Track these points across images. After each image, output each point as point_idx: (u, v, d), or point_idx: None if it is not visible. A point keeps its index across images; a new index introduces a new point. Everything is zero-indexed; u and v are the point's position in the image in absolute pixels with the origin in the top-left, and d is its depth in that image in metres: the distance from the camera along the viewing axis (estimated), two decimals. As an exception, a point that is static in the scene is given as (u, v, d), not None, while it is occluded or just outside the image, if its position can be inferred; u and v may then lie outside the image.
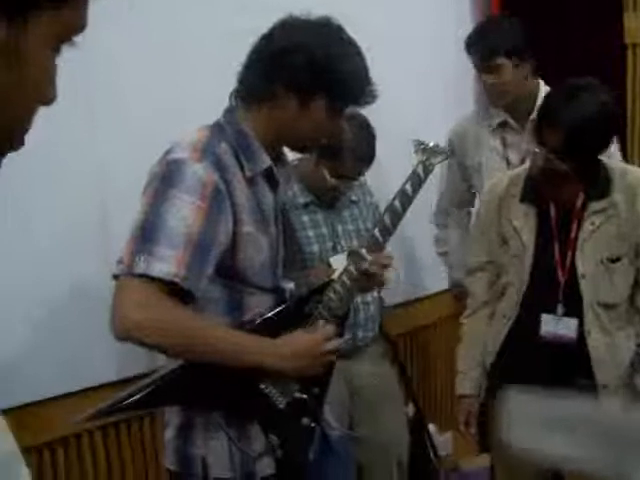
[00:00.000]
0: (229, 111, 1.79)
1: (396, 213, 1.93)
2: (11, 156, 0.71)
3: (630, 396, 2.34)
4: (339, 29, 1.75)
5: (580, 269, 2.22)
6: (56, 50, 0.70)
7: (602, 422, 0.83)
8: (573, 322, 2.24)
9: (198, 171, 1.62)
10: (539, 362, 2.27)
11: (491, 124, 3.01)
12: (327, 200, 2.59)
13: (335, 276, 1.91)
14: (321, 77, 1.69)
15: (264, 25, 1.74)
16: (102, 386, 2.30)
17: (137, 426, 2.51)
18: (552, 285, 2.26)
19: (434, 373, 3.69)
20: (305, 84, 1.70)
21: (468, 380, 2.46)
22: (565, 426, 0.84)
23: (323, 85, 1.71)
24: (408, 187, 1.94)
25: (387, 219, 1.94)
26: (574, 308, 2.24)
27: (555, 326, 2.25)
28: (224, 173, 1.66)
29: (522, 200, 2.30)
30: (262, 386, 1.76)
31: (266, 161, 1.75)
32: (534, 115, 2.77)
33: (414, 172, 1.95)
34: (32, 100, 0.70)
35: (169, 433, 1.81)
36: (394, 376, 2.92)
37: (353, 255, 1.92)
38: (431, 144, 1.98)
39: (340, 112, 1.79)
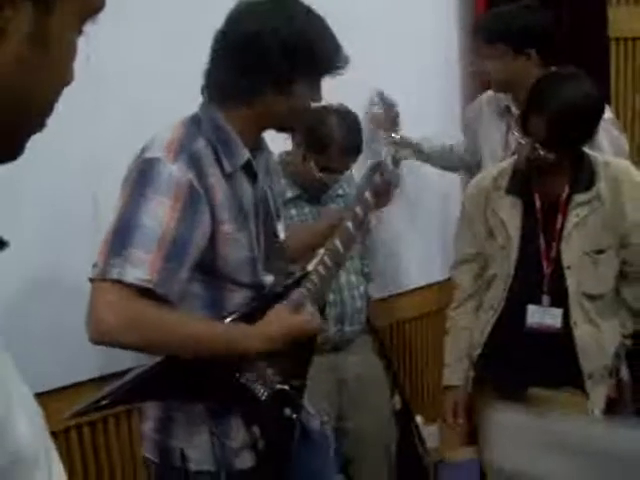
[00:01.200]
0: (205, 104, 1.76)
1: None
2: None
3: (615, 386, 2.37)
4: (295, 2, 1.71)
5: (565, 260, 2.24)
6: (78, 31, 0.71)
7: (592, 445, 0.84)
8: (559, 312, 2.26)
9: (172, 171, 1.59)
10: (525, 353, 2.30)
11: (499, 106, 2.99)
12: (314, 194, 2.60)
13: (311, 267, 1.92)
14: (297, 61, 1.66)
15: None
16: (91, 381, 2.30)
17: (125, 421, 2.51)
18: (537, 276, 2.28)
19: (420, 365, 3.71)
20: (284, 73, 1.67)
21: (455, 371, 2.48)
22: (555, 448, 0.85)
23: (301, 68, 1.68)
24: (377, 178, 1.98)
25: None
26: (560, 299, 2.26)
27: (541, 317, 2.27)
28: (200, 172, 1.63)
29: (508, 192, 2.32)
30: (243, 379, 1.75)
31: (245, 155, 1.72)
32: None
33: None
34: (57, 83, 0.71)
35: (148, 425, 1.81)
36: (381, 368, 2.94)
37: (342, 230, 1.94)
38: (398, 137, 2.02)
39: (319, 83, 1.77)
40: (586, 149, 2.26)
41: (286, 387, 1.82)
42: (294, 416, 1.85)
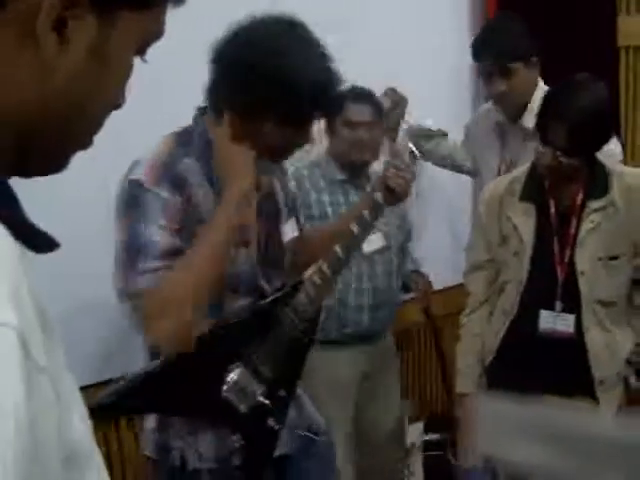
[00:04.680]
0: (198, 119, 1.76)
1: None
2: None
3: (625, 393, 2.37)
4: (298, 29, 1.67)
5: (579, 266, 2.25)
6: (136, 55, 0.72)
7: (565, 431, 0.86)
8: (571, 318, 2.26)
9: (159, 193, 1.61)
10: (538, 358, 2.30)
11: (494, 122, 3.00)
12: (356, 176, 2.72)
13: (306, 276, 1.90)
14: (266, 97, 1.64)
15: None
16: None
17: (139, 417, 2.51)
18: (551, 282, 2.28)
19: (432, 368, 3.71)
20: (249, 106, 1.66)
21: (468, 378, 2.48)
22: (531, 434, 0.86)
23: (270, 105, 1.65)
24: (390, 176, 1.96)
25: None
26: (572, 305, 2.26)
27: (554, 322, 2.27)
28: (184, 192, 1.65)
29: (522, 198, 2.33)
30: (224, 393, 1.76)
31: None
32: (528, 114, 2.80)
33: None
34: (109, 100, 0.72)
35: (149, 423, 1.83)
36: (397, 369, 3.02)
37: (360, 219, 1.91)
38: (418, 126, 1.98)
39: (300, 123, 1.72)
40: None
41: (267, 402, 1.81)
42: (277, 427, 1.85)
